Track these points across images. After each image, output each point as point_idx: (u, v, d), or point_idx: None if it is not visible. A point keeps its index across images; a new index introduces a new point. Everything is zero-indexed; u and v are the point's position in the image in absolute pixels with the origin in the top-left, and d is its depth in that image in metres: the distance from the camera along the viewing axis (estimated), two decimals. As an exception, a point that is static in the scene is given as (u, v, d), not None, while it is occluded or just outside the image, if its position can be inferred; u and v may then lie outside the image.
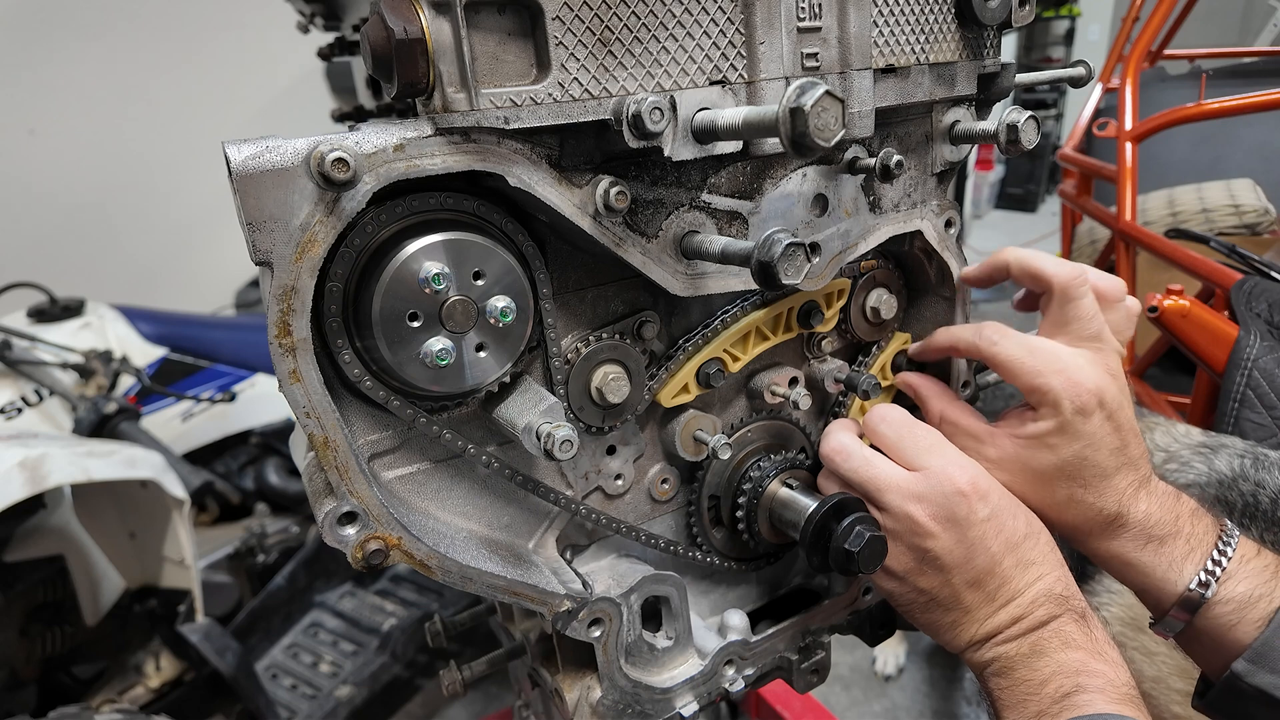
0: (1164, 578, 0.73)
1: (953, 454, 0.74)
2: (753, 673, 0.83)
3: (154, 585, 1.97)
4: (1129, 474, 0.74)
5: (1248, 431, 1.36)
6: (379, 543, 0.59)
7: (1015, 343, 0.75)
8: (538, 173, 0.57)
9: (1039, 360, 0.73)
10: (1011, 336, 0.76)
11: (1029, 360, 0.73)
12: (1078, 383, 0.71)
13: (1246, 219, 2.86)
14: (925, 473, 0.73)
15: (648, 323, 0.71)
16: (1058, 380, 0.71)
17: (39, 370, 2.05)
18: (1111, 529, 0.74)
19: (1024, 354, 0.74)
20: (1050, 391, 0.71)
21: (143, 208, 3.71)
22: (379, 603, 2.39)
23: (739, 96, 0.61)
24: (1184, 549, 0.73)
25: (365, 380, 0.57)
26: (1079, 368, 0.72)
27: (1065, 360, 0.72)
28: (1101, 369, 0.73)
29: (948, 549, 0.71)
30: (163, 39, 3.57)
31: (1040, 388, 0.72)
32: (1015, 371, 0.74)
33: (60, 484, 1.60)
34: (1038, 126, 0.71)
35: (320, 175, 0.49)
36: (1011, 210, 8.69)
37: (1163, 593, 0.73)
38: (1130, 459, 0.74)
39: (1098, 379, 0.72)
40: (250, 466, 2.59)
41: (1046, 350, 0.74)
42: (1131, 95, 2.46)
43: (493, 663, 0.88)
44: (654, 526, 0.81)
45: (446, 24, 0.51)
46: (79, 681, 1.92)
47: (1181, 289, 1.55)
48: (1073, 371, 0.71)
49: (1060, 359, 0.73)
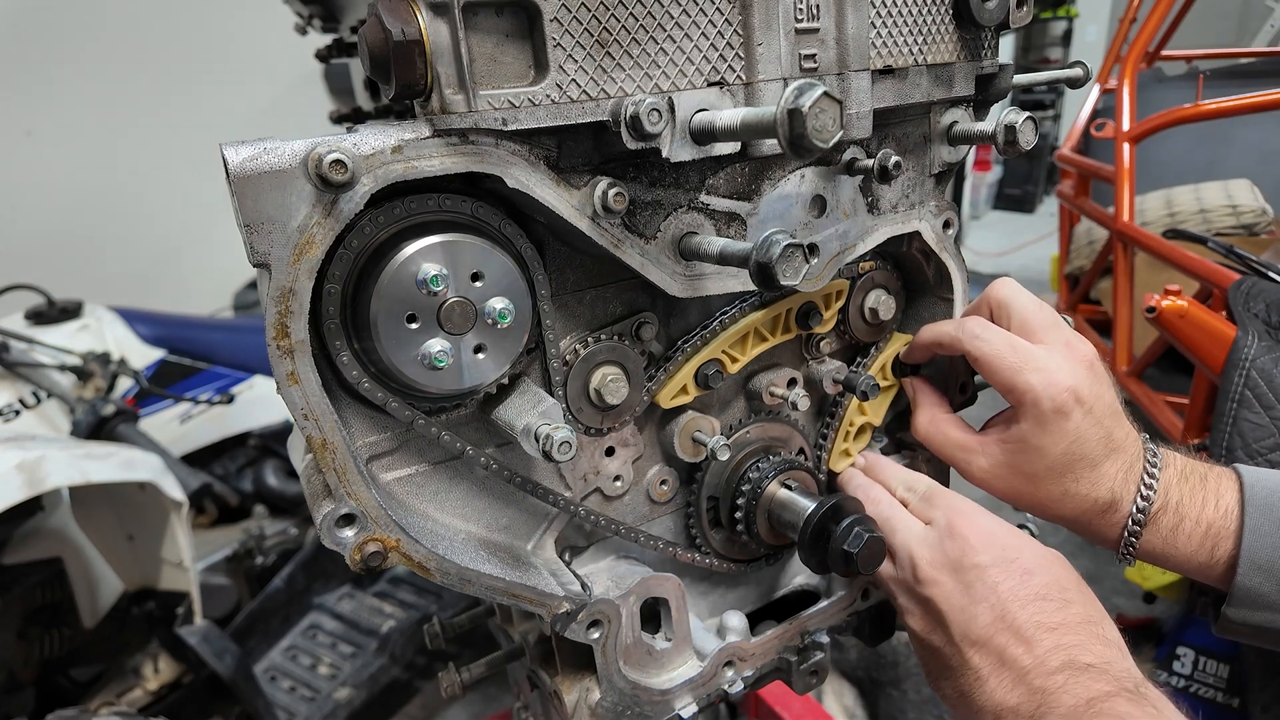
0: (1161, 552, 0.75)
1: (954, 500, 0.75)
2: (751, 674, 0.83)
3: (152, 587, 1.96)
4: (1117, 460, 0.74)
5: (1246, 432, 1.36)
6: (377, 545, 0.58)
7: (998, 338, 0.75)
8: (536, 174, 0.57)
9: (1019, 357, 0.73)
10: (993, 331, 0.76)
11: (1010, 357, 0.73)
12: (1055, 381, 0.71)
13: (1244, 219, 2.86)
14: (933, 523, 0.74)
15: (646, 324, 0.71)
16: (1037, 379, 0.71)
17: (37, 372, 2.05)
18: (1107, 515, 0.75)
19: (1005, 350, 0.74)
20: (1030, 390, 0.71)
21: (141, 209, 3.70)
22: (378, 605, 2.39)
23: (737, 98, 0.62)
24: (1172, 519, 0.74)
25: (364, 382, 0.57)
26: (1057, 366, 0.72)
27: (1043, 360, 0.72)
28: (1077, 364, 0.73)
29: (946, 596, 0.68)
30: (161, 40, 3.57)
31: (1019, 386, 0.72)
32: (996, 368, 0.74)
33: (58, 486, 1.60)
34: (1035, 127, 0.71)
35: (318, 177, 0.49)
36: (1009, 211, 8.71)
37: None
38: (1116, 445, 0.74)
39: (1074, 376, 0.72)
40: (249, 468, 2.59)
41: (1026, 349, 0.74)
42: (1129, 96, 2.46)
43: (491, 664, 0.88)
44: (653, 528, 0.81)
45: (444, 25, 0.51)
46: (77, 684, 1.91)
47: (1179, 289, 1.56)
48: (1051, 371, 0.72)
49: (1038, 358, 0.73)
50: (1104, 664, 0.61)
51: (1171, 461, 0.77)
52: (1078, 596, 0.66)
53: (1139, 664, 0.63)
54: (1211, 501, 0.74)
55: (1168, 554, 0.75)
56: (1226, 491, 0.74)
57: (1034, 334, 0.75)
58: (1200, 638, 1.94)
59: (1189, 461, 0.77)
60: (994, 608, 0.65)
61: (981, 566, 0.67)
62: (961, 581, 0.68)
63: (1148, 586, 2.17)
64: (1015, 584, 0.66)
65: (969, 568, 0.68)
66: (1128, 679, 0.60)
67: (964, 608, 0.67)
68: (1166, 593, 2.16)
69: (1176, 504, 0.74)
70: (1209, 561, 0.73)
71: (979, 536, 0.69)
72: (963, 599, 0.67)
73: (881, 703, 2.60)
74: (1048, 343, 0.74)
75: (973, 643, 0.65)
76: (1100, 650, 0.62)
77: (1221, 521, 0.73)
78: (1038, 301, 0.78)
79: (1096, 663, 0.61)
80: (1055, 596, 0.65)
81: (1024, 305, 0.77)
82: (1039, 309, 0.77)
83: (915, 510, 0.77)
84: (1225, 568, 0.72)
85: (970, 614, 0.66)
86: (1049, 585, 0.66)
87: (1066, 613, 0.64)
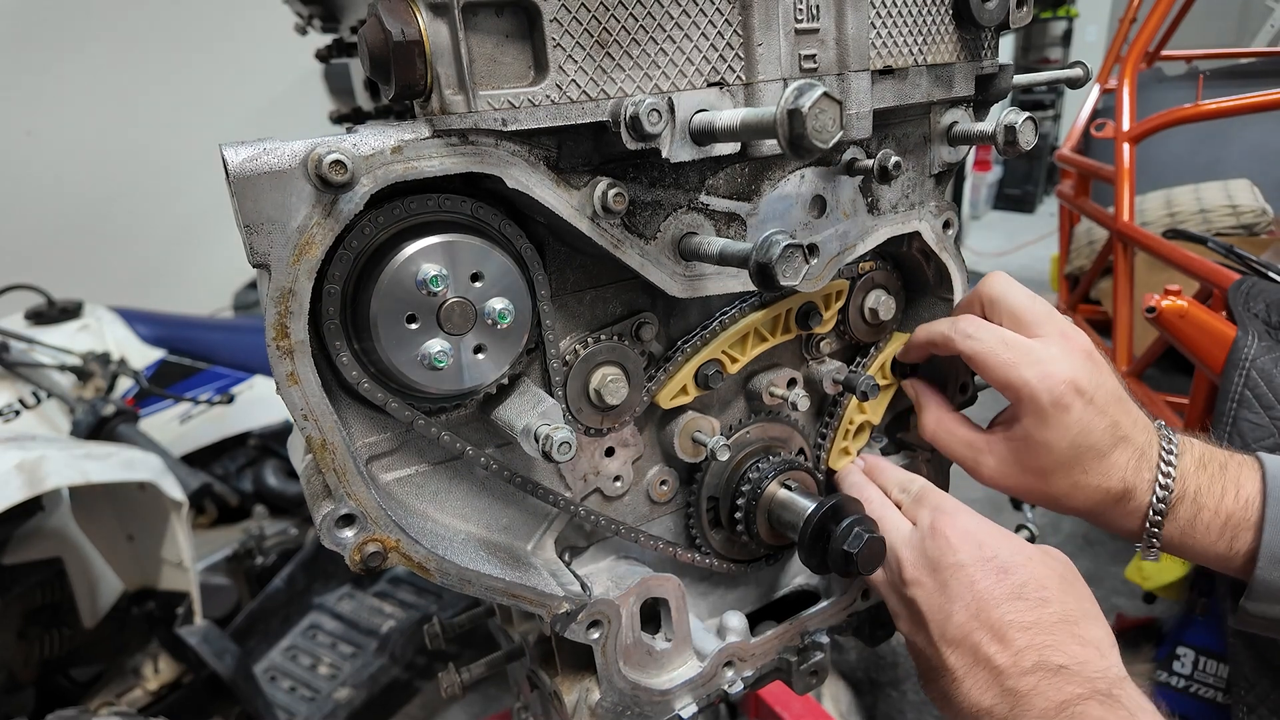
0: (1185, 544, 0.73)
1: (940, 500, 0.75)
2: (751, 674, 0.83)
3: (152, 587, 1.96)
4: (1127, 448, 0.72)
5: (1246, 432, 1.36)
6: (377, 545, 0.58)
7: (991, 335, 0.74)
8: (535, 174, 0.57)
9: (1014, 353, 0.72)
10: (987, 329, 0.75)
11: (1003, 353, 0.72)
12: (1051, 374, 0.70)
13: (1244, 219, 2.86)
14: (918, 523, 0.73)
15: (646, 324, 0.71)
16: (1032, 373, 0.70)
17: (37, 372, 2.05)
18: (1121, 504, 0.73)
19: (999, 347, 0.73)
20: (1026, 385, 0.70)
21: (141, 209, 3.70)
22: (378, 605, 2.39)
23: (737, 98, 0.61)
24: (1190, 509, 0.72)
25: (363, 382, 0.57)
26: (1052, 358, 0.71)
27: (1039, 353, 0.71)
28: (1074, 354, 0.72)
29: (926, 596, 0.69)
30: (160, 41, 3.57)
31: (1015, 382, 0.71)
32: (989, 365, 0.73)
33: (58, 486, 1.60)
34: (1035, 127, 0.71)
35: (318, 177, 0.49)
36: (1009, 211, 8.71)
37: None
38: (1124, 433, 0.72)
39: (1071, 368, 0.71)
40: (248, 469, 2.59)
41: (1020, 344, 0.72)
42: (1129, 96, 2.46)
43: (491, 665, 0.88)
44: (653, 528, 0.81)
45: (444, 26, 0.51)
46: (77, 684, 1.91)
47: (1179, 289, 1.55)
48: (1047, 364, 0.70)
49: (1034, 352, 0.72)
50: (1078, 665, 0.60)
51: (1189, 448, 0.74)
52: (1056, 595, 0.65)
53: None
54: (1231, 491, 0.71)
55: (1185, 544, 0.73)
56: (1247, 481, 0.72)
57: (1028, 328, 0.74)
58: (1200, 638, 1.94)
59: (1207, 448, 0.75)
60: (969, 606, 0.65)
61: (959, 565, 0.67)
62: (939, 581, 0.68)
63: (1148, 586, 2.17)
64: (991, 582, 0.65)
65: (947, 567, 0.67)
66: (1101, 680, 0.59)
67: (941, 606, 0.67)
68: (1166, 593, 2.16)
69: (1195, 493, 0.72)
70: (1228, 553, 0.71)
71: (958, 535, 0.69)
72: (940, 598, 0.67)
73: (881, 703, 2.60)
74: (1043, 335, 0.73)
75: (949, 642, 0.65)
76: (1075, 650, 0.61)
77: (1242, 512, 0.70)
78: (1030, 294, 0.76)
79: (1069, 664, 0.60)
80: (1032, 595, 0.65)
81: (1016, 299, 0.75)
82: (1031, 301, 0.75)
83: (906, 511, 0.77)
84: (1245, 559, 0.70)
85: (946, 613, 0.66)
86: (1026, 583, 0.65)
87: (1041, 611, 0.64)
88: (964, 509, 0.73)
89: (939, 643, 0.66)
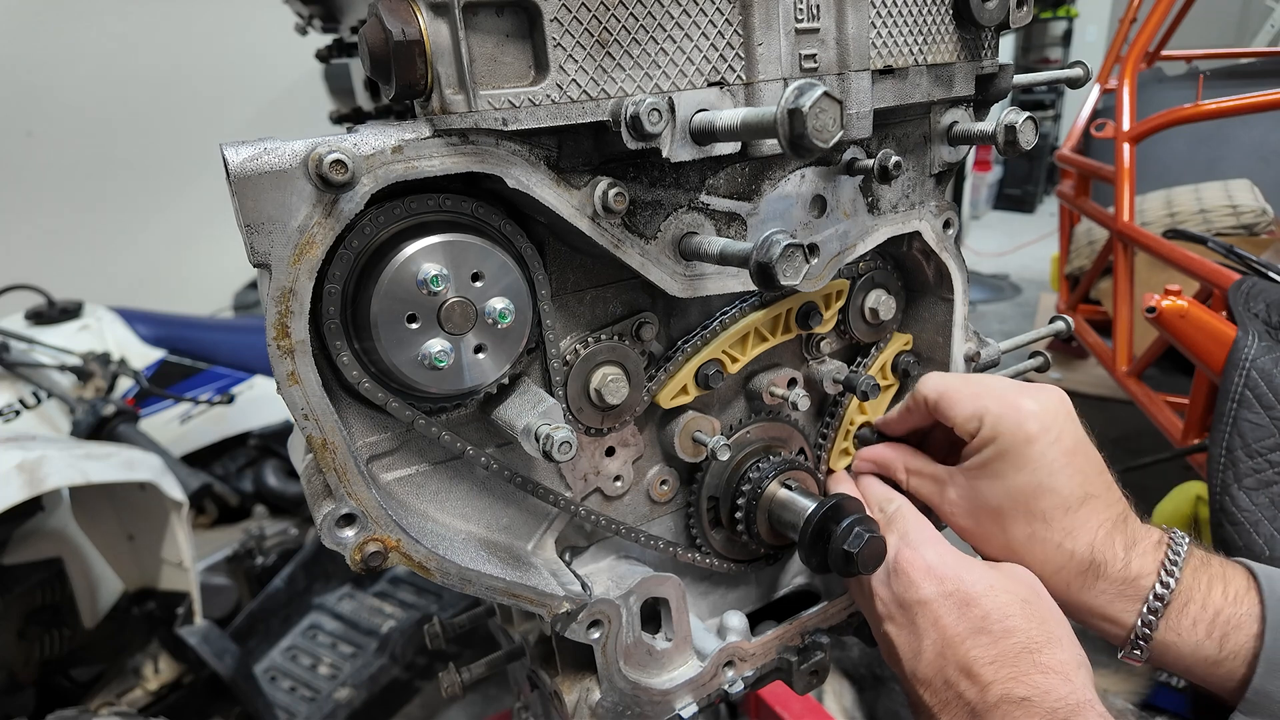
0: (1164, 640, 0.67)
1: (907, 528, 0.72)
2: (752, 674, 0.83)
3: (152, 588, 1.97)
4: (1097, 509, 0.68)
5: (1246, 432, 1.36)
6: (377, 545, 0.58)
7: (952, 377, 0.75)
8: (536, 174, 0.57)
9: (976, 386, 0.72)
10: (947, 375, 0.76)
11: (964, 388, 0.72)
12: (1015, 404, 0.69)
13: (1244, 219, 2.86)
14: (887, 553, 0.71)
15: (646, 324, 0.71)
16: (994, 403, 0.69)
17: (37, 373, 2.05)
18: (1088, 579, 0.68)
19: (959, 383, 0.73)
20: (987, 413, 0.69)
21: (141, 210, 3.70)
22: (378, 605, 2.39)
23: (737, 98, 0.61)
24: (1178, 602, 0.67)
25: (364, 382, 0.57)
26: (1019, 391, 0.70)
27: (1003, 387, 0.71)
28: (1049, 398, 0.70)
29: (896, 633, 0.68)
30: (160, 40, 3.57)
31: (977, 411, 0.70)
32: (952, 401, 0.72)
33: (58, 486, 1.60)
34: (1035, 127, 0.71)
35: (318, 177, 0.49)
36: (1009, 211, 8.71)
37: None
38: (1092, 492, 0.68)
39: (1041, 405, 0.69)
40: (249, 468, 2.59)
41: (984, 379, 0.73)
42: (1129, 96, 2.46)
43: (492, 665, 0.88)
44: (653, 528, 0.81)
45: (444, 25, 0.51)
46: (77, 684, 1.91)
47: (1179, 289, 1.56)
48: (1011, 396, 0.70)
49: (996, 387, 0.71)
50: (1039, 695, 0.59)
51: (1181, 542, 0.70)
52: (1020, 623, 0.63)
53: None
54: (1219, 586, 0.67)
55: (1169, 644, 0.67)
56: (1234, 577, 0.68)
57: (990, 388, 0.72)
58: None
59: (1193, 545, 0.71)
60: (935, 644, 0.65)
61: (923, 602, 0.66)
62: (907, 618, 0.67)
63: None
64: (954, 619, 0.64)
65: (912, 604, 0.67)
66: (1063, 708, 0.58)
67: (909, 644, 0.66)
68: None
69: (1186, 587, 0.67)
70: (1217, 655, 0.65)
71: (919, 571, 0.67)
72: (909, 635, 0.67)
73: (883, 699, 2.60)
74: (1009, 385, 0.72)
75: (920, 681, 0.65)
76: (1038, 680, 0.60)
77: (1231, 608, 0.66)
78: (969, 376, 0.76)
79: (1031, 695, 0.59)
80: (995, 627, 0.63)
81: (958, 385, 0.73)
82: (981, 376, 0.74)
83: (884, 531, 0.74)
84: (1237, 664, 0.65)
85: (915, 651, 0.66)
86: (988, 614, 0.64)
87: (1005, 644, 0.62)
88: (928, 539, 0.70)
89: (912, 681, 0.66)
